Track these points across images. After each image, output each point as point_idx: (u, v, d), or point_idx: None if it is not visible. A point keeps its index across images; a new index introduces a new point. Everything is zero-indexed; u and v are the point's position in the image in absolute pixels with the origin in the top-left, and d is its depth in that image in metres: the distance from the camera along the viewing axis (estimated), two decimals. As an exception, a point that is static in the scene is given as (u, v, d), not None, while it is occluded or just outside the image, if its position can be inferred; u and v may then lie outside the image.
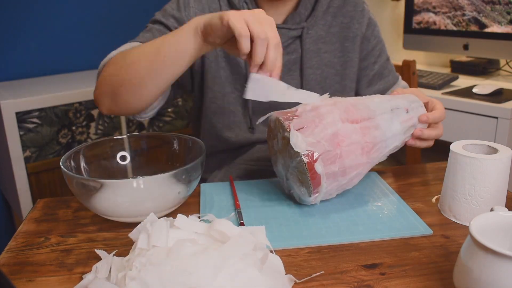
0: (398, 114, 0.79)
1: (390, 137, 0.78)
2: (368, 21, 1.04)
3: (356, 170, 0.75)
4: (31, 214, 0.82)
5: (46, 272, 0.65)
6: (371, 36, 1.05)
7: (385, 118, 0.78)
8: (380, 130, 0.76)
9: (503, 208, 0.61)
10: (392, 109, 0.79)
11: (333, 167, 0.73)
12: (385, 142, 0.78)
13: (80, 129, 1.74)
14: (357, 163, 0.75)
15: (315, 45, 1.01)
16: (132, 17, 2.15)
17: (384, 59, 1.09)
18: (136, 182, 0.71)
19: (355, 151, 0.74)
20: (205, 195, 0.85)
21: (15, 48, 1.91)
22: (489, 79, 1.86)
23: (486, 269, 0.49)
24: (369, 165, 0.78)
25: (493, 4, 1.78)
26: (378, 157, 0.79)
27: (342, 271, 0.62)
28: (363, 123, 0.76)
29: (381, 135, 0.77)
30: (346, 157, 0.73)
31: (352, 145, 0.74)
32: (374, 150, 0.76)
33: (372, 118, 0.77)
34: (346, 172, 0.74)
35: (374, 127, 0.76)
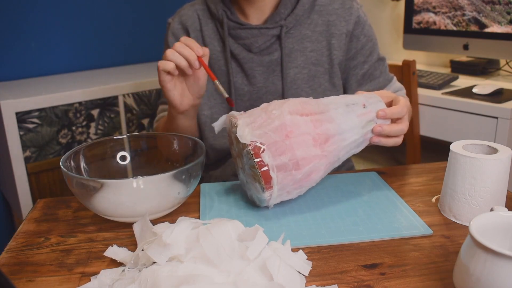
0: (354, 109, 0.77)
1: (346, 130, 0.75)
2: (357, 19, 1.02)
3: (311, 163, 0.73)
4: (31, 214, 0.82)
5: (46, 272, 0.65)
6: (360, 34, 1.03)
7: (339, 112, 0.76)
8: (334, 124, 0.74)
9: (503, 208, 0.61)
10: (348, 105, 0.77)
11: (283, 158, 0.71)
12: (341, 136, 0.75)
13: (80, 129, 1.74)
14: (310, 155, 0.72)
15: (300, 44, 1.01)
16: (132, 17, 2.16)
17: (374, 59, 1.06)
18: (136, 182, 0.71)
19: (306, 141, 0.72)
20: (205, 195, 0.85)
21: (15, 48, 1.92)
22: (489, 79, 1.86)
23: (486, 269, 0.49)
24: (326, 159, 0.75)
25: (493, 4, 1.78)
26: (337, 150, 0.75)
27: (342, 271, 0.62)
28: (315, 116, 0.74)
29: (335, 127, 0.74)
30: (297, 148, 0.71)
31: (302, 136, 0.72)
32: (329, 143, 0.74)
33: (324, 112, 0.75)
34: (299, 165, 0.72)
35: (327, 120, 0.74)
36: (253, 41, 0.99)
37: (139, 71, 2.05)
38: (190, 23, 1.05)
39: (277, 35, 0.99)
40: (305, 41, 1.01)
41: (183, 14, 1.06)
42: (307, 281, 0.60)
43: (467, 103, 1.59)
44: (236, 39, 1.00)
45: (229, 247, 0.60)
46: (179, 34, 1.05)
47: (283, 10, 0.99)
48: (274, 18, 0.99)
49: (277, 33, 0.99)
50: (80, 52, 2.07)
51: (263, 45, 0.99)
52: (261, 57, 1.00)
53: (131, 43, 2.18)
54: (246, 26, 0.99)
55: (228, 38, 1.00)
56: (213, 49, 1.02)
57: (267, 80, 1.01)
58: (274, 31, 0.99)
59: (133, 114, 1.85)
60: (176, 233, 0.62)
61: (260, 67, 1.00)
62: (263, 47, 1.00)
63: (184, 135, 0.87)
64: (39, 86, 1.80)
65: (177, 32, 1.06)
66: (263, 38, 0.99)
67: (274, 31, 0.99)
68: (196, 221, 0.66)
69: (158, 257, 0.59)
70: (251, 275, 0.57)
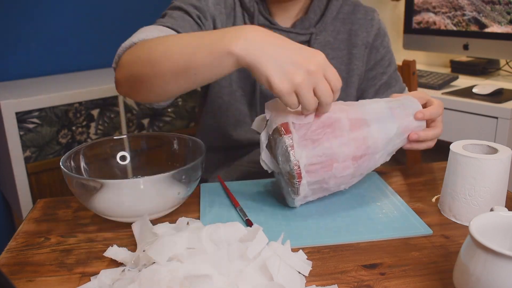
0: (392, 115, 0.77)
1: (382, 148, 0.76)
2: (377, 31, 1.03)
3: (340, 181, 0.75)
4: (31, 214, 0.82)
5: (46, 272, 0.65)
6: (380, 46, 1.04)
7: (379, 127, 0.75)
8: (372, 140, 0.75)
9: (503, 208, 0.61)
10: (389, 113, 0.77)
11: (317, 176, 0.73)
12: (376, 154, 0.76)
13: (80, 129, 1.74)
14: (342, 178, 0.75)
15: (323, 51, 0.98)
16: (132, 17, 2.15)
17: (393, 69, 1.07)
18: (136, 182, 0.71)
19: (345, 174, 0.74)
20: (205, 195, 0.85)
21: (15, 48, 1.92)
22: (489, 79, 1.87)
23: (486, 269, 0.49)
24: (357, 175, 0.77)
25: (493, 4, 1.78)
26: (368, 166, 0.77)
27: (342, 271, 0.62)
28: (357, 134, 0.74)
29: (373, 145, 0.75)
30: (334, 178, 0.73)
31: (344, 170, 0.73)
32: (363, 160, 0.75)
33: (367, 124, 0.75)
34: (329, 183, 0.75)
35: (367, 137, 0.74)
36: None
37: (139, 71, 2.05)
38: (229, 1, 0.97)
39: (306, 41, 0.98)
40: (327, 48, 1.00)
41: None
42: (307, 281, 0.60)
43: (467, 103, 1.59)
44: None
45: (229, 248, 0.60)
46: (218, 3, 0.96)
47: (313, 15, 0.98)
48: (303, 23, 0.98)
49: (306, 39, 0.98)
50: (80, 52, 2.07)
51: None
52: None
53: (131, 43, 2.18)
54: (275, 26, 0.96)
55: None
56: None
57: None
58: (303, 37, 0.97)
59: (133, 114, 1.85)
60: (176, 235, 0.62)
61: None
62: None
63: (185, 135, 0.87)
64: (39, 86, 1.80)
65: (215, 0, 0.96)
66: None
67: (304, 37, 0.97)
68: (197, 226, 0.66)
69: (158, 257, 0.59)
70: (251, 275, 0.57)
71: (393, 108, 0.78)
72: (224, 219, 0.76)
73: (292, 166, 0.70)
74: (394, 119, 0.77)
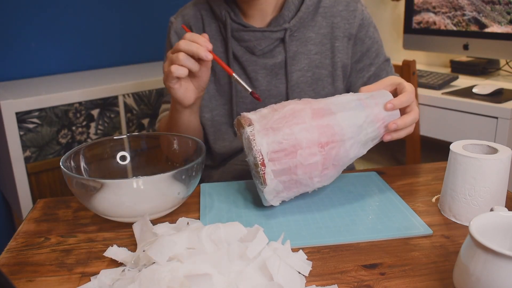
0: (359, 109, 0.75)
1: (349, 137, 0.74)
2: (361, 22, 1.01)
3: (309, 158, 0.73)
4: (31, 214, 0.82)
5: (46, 272, 0.65)
6: (365, 37, 1.02)
7: (346, 116, 0.74)
8: (338, 128, 0.73)
9: (503, 208, 0.61)
10: (354, 106, 0.76)
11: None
12: (344, 142, 0.74)
13: (80, 129, 1.74)
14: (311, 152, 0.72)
15: (304, 47, 1.00)
16: (132, 17, 2.16)
17: (381, 61, 1.05)
18: (136, 182, 0.71)
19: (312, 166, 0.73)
20: (205, 195, 0.85)
21: (15, 48, 1.92)
22: (489, 79, 1.87)
23: (486, 269, 0.49)
24: (324, 158, 0.74)
25: (493, 4, 1.78)
26: (338, 154, 0.74)
27: (342, 271, 0.62)
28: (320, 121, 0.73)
29: (339, 133, 0.73)
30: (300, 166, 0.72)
31: (310, 164, 0.73)
32: (330, 146, 0.73)
33: (331, 114, 0.74)
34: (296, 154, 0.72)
35: (332, 125, 0.73)
36: (256, 44, 0.98)
37: (139, 71, 2.05)
38: (193, 22, 1.03)
39: (281, 38, 0.98)
40: (309, 43, 1.00)
41: (186, 14, 1.05)
42: (307, 281, 0.60)
43: (467, 103, 1.59)
44: (239, 41, 0.99)
45: (229, 248, 0.60)
46: (182, 33, 1.04)
47: (287, 12, 0.98)
48: (277, 21, 0.98)
49: (281, 36, 0.98)
50: (80, 52, 2.07)
51: (266, 48, 0.98)
52: (264, 60, 0.99)
53: (131, 43, 2.18)
54: (249, 28, 0.97)
55: (231, 40, 0.99)
56: (215, 50, 1.01)
57: (270, 83, 1.00)
58: (278, 34, 0.97)
59: (133, 114, 1.85)
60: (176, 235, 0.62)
61: (263, 70, 1.00)
62: (266, 50, 0.99)
63: (185, 135, 0.87)
64: (39, 86, 1.80)
65: (181, 31, 1.04)
66: (266, 41, 0.97)
67: (278, 34, 0.97)
68: (196, 226, 0.66)
69: (158, 257, 0.59)
70: (251, 275, 0.57)
71: (361, 98, 0.76)
72: (224, 219, 0.76)
73: (255, 154, 0.71)
74: (362, 108, 0.75)
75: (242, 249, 0.60)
